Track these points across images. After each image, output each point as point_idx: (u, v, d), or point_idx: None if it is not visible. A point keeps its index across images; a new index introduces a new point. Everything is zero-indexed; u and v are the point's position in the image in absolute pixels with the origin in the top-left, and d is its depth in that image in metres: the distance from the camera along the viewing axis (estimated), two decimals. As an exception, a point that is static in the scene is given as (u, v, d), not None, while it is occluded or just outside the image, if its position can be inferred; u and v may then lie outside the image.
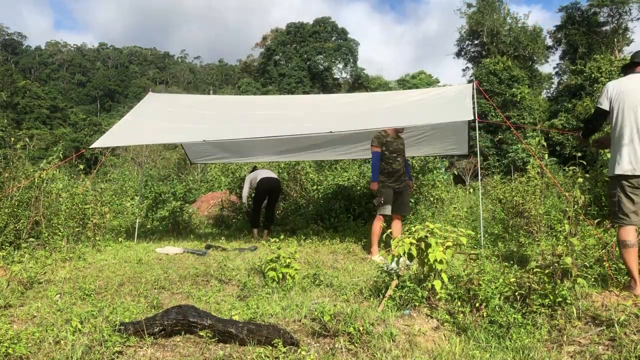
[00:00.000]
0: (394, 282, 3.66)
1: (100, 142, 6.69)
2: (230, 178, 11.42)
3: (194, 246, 6.78)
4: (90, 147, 6.79)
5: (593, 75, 29.02)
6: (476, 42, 39.47)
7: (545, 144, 7.41)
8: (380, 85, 57.49)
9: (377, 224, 5.99)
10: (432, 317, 3.33)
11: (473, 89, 6.48)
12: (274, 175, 8.38)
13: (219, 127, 6.82)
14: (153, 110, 7.47)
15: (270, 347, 2.75)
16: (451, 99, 6.51)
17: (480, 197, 6.69)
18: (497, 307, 3.30)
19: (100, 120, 55.82)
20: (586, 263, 4.01)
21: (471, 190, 12.15)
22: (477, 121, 5.87)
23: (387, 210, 6.10)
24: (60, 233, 6.08)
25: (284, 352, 2.71)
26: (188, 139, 6.94)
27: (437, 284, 3.46)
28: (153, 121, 7.12)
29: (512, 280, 3.57)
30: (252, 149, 8.42)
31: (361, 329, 2.92)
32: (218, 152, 8.63)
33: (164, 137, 7.13)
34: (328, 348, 2.84)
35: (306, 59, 58.81)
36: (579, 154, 5.89)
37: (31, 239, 5.67)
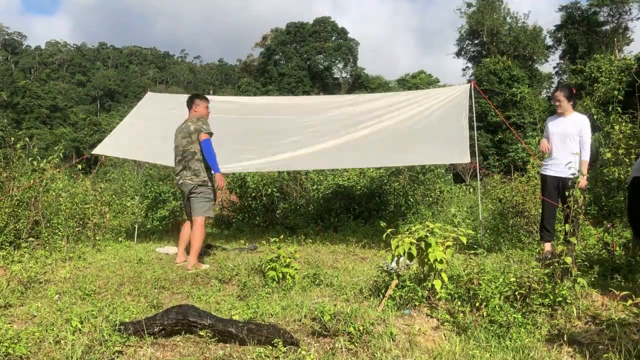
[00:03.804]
0: (394, 282, 3.66)
1: (101, 149, 7.01)
2: (230, 178, 11.41)
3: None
4: (93, 153, 7.13)
5: (593, 75, 28.96)
6: (476, 41, 39.52)
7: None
8: (380, 85, 57.49)
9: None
10: (432, 317, 3.33)
11: (471, 89, 6.48)
12: None
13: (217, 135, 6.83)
14: (153, 112, 7.49)
15: (270, 347, 2.75)
16: (447, 116, 6.35)
17: (479, 197, 6.69)
18: (497, 306, 3.30)
19: (100, 120, 55.76)
20: (586, 262, 4.01)
21: (471, 190, 12.16)
22: (475, 128, 5.81)
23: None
24: (60, 233, 6.07)
25: (284, 352, 2.71)
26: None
27: (437, 283, 3.46)
28: (153, 128, 7.16)
29: (512, 280, 3.57)
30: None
31: (361, 328, 2.92)
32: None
33: (166, 159, 7.06)
34: (328, 348, 2.84)
35: (306, 58, 58.79)
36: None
37: (31, 239, 5.66)
